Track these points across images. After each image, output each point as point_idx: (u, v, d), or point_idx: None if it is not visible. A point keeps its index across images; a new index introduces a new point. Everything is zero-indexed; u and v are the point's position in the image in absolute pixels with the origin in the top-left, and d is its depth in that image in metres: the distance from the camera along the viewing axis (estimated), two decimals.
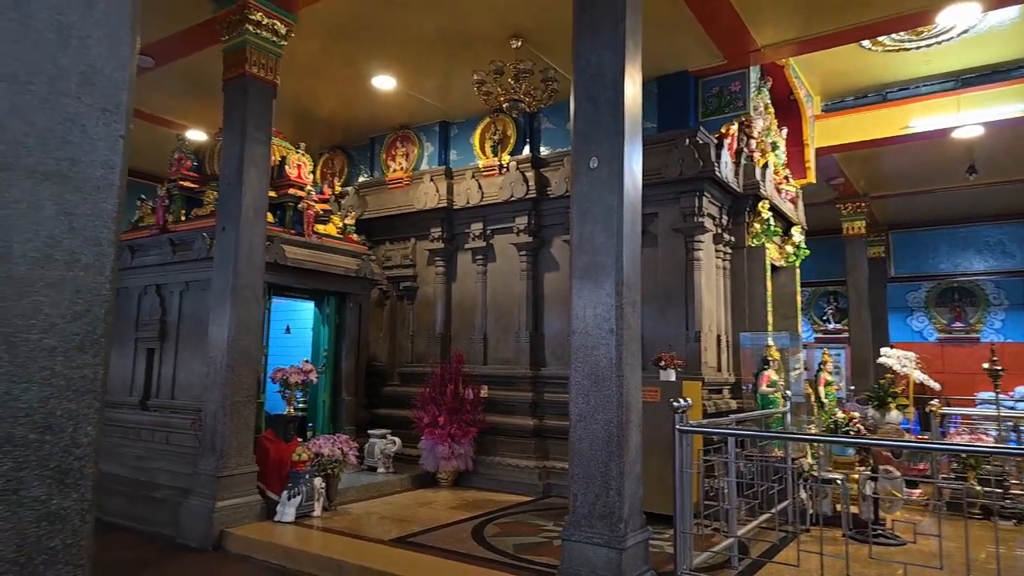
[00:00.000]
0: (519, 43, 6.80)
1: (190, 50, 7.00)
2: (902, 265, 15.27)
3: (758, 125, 8.31)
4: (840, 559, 3.96)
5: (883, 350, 9.04)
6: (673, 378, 6.14)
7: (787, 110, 9.23)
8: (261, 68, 6.06)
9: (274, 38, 6.16)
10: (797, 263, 9.32)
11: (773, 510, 5.06)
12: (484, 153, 8.57)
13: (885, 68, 8.83)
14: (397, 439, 7.63)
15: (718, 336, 7.45)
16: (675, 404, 3.91)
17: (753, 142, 8.20)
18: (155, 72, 7.49)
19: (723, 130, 7.66)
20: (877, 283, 14.43)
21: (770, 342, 7.10)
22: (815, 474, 5.65)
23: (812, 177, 9.65)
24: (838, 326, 15.73)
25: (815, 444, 6.96)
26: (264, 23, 6.05)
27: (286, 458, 5.98)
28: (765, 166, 8.21)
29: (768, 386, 6.78)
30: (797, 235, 9.25)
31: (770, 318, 7.76)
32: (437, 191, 8.51)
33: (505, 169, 8.17)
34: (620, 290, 3.81)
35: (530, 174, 7.94)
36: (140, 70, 7.36)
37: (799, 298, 9.28)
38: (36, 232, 1.38)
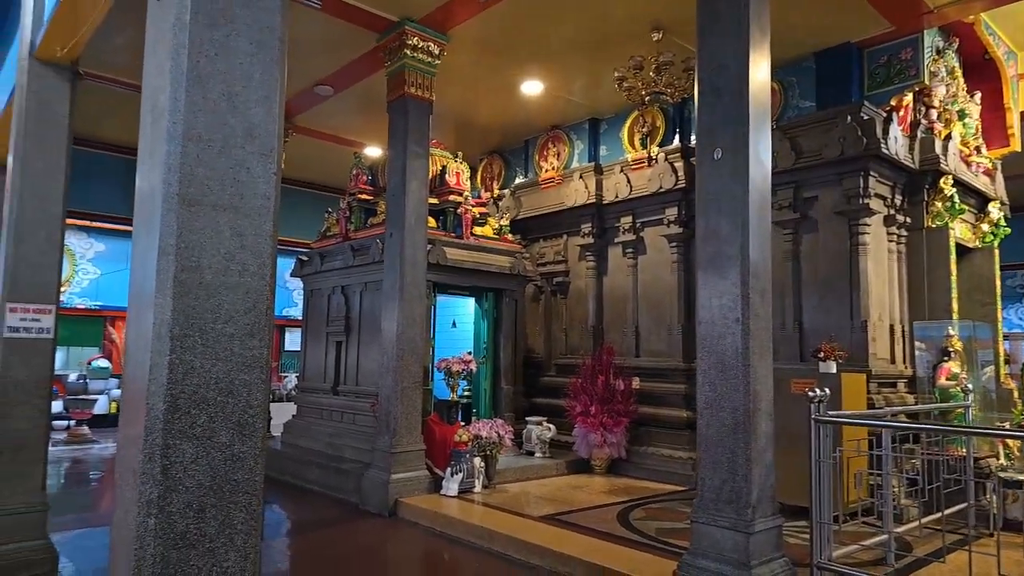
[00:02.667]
0: (660, 35, 6.83)
1: (361, 76, 7.91)
2: None
3: (939, 93, 7.51)
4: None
5: None
6: (833, 370, 5.84)
7: (982, 71, 8.21)
8: (418, 88, 6.73)
9: (428, 59, 6.80)
10: (996, 243, 8.29)
11: (946, 511, 4.67)
12: (633, 146, 8.66)
13: None
14: (552, 426, 8.02)
15: (891, 326, 6.91)
16: (810, 394, 3.82)
17: (933, 112, 7.45)
18: (334, 98, 8.56)
19: (893, 102, 7.07)
20: None
21: (951, 332, 6.45)
22: (1001, 475, 5.10)
23: (1017, 145, 8.49)
24: None
25: (1008, 443, 6.24)
26: (419, 46, 6.71)
27: (449, 439, 6.61)
28: (948, 138, 7.43)
29: (948, 379, 6.17)
30: (995, 212, 8.23)
31: (955, 305, 7.01)
32: (587, 188, 8.74)
33: (654, 161, 8.19)
34: (746, 279, 3.80)
35: (679, 164, 7.90)
36: (320, 98, 8.49)
37: (998, 282, 8.23)
38: (218, 249, 1.88)
